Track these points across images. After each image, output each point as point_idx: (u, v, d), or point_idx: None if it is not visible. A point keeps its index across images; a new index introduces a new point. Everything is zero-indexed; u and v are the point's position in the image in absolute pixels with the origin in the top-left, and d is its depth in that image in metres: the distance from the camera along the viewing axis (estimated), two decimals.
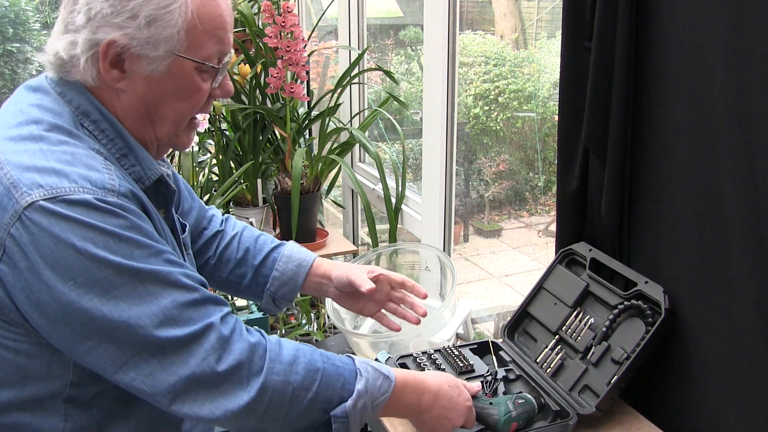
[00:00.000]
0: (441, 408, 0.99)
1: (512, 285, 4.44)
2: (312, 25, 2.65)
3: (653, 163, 1.12)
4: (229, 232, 1.25)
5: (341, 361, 0.92)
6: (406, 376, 0.98)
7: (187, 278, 0.84)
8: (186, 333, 0.81)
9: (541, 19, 4.41)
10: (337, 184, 2.72)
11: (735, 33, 0.92)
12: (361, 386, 0.90)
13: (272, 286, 1.21)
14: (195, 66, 0.89)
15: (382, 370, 0.94)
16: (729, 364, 1.00)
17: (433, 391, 0.99)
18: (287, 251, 1.23)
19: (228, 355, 0.82)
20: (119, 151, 0.90)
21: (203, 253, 1.23)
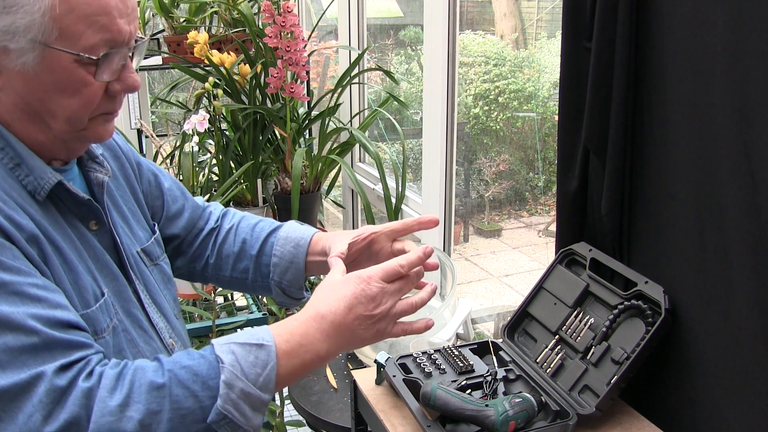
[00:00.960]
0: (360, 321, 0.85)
1: (512, 285, 4.44)
2: (312, 25, 2.65)
3: (653, 163, 1.12)
4: (225, 226, 1.16)
5: (195, 357, 0.78)
6: (287, 328, 0.83)
7: (33, 319, 0.73)
8: (11, 382, 0.70)
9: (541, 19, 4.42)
10: (337, 184, 2.72)
11: (735, 33, 0.92)
12: (225, 376, 0.76)
13: (275, 274, 1.10)
14: (73, 58, 0.79)
15: (252, 340, 0.80)
16: (729, 364, 1.00)
17: (331, 318, 0.83)
18: (284, 232, 1.12)
19: (60, 412, 0.70)
20: (12, 161, 0.83)
21: (201, 254, 1.16)
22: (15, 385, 0.70)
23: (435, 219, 1.05)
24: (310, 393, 1.70)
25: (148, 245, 1.03)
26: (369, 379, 1.21)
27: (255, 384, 0.78)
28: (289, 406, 2.06)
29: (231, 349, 0.79)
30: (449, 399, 1.05)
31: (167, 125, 2.89)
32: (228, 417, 0.75)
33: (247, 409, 0.77)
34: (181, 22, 2.55)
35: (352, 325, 0.85)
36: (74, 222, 0.89)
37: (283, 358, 0.80)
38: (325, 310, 0.85)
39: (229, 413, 0.75)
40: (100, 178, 0.95)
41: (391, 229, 1.07)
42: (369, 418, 1.20)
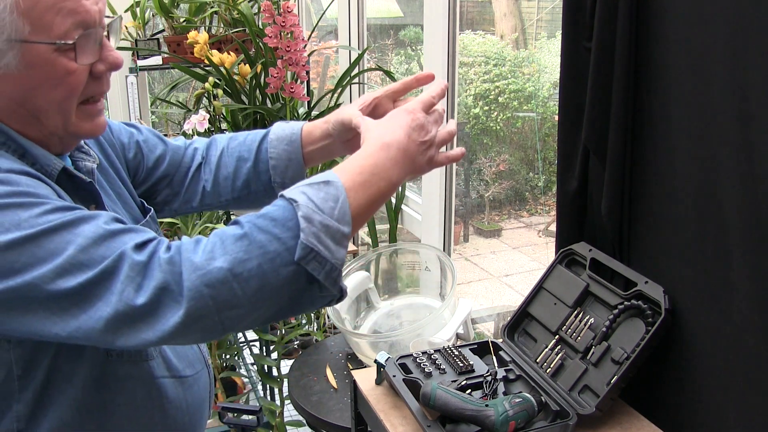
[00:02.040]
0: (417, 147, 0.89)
1: (512, 285, 4.44)
2: (312, 25, 2.65)
3: (653, 163, 1.12)
4: (213, 155, 1.16)
5: (270, 206, 0.80)
6: (352, 163, 0.84)
7: (96, 222, 0.77)
8: (97, 272, 0.74)
9: (541, 19, 4.42)
10: None
11: (735, 33, 0.92)
12: (302, 212, 0.77)
13: (276, 176, 1.11)
14: (51, 48, 0.80)
15: (318, 179, 0.81)
16: (729, 364, 1.00)
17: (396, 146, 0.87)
18: (273, 134, 1.12)
19: (148, 281, 0.74)
20: (15, 152, 0.85)
21: (195, 189, 1.16)
22: (102, 272, 0.74)
23: (431, 74, 1.08)
24: (310, 393, 1.70)
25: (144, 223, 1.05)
26: (369, 379, 1.21)
27: (332, 216, 0.79)
28: (289, 406, 2.07)
29: (301, 190, 0.80)
30: (449, 399, 1.05)
31: (167, 125, 2.89)
32: (314, 250, 0.76)
33: (330, 241, 0.78)
34: (181, 22, 2.55)
35: (414, 150, 0.89)
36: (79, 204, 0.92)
37: (358, 190, 0.82)
38: (389, 139, 0.88)
39: (314, 246, 0.76)
40: (88, 167, 0.97)
41: (392, 90, 1.09)
42: (369, 418, 1.20)
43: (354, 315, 1.84)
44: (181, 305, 0.73)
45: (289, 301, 0.78)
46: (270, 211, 0.79)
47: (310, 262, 0.76)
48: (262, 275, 0.75)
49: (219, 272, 0.74)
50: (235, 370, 2.55)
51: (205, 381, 1.08)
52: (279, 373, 2.21)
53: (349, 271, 1.83)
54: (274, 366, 2.20)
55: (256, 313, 0.77)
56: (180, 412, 1.01)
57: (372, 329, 1.81)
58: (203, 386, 1.07)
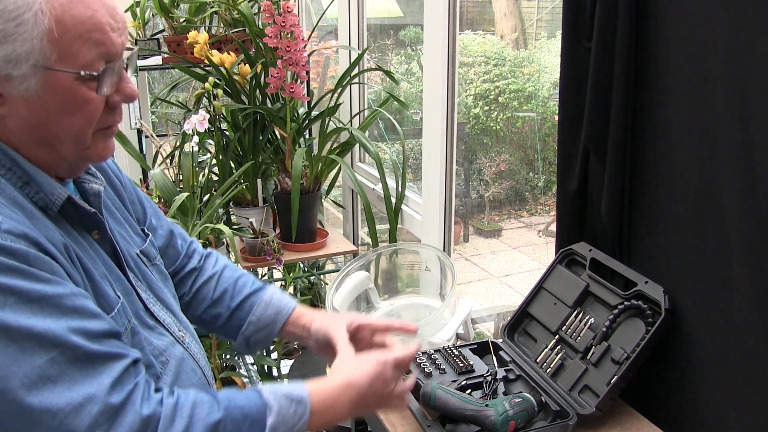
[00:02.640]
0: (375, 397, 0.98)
1: (512, 285, 4.44)
2: (312, 25, 2.65)
3: (653, 163, 1.12)
4: (208, 270, 1.21)
5: (247, 398, 0.87)
6: (321, 390, 0.94)
7: (74, 333, 0.76)
8: (65, 401, 0.73)
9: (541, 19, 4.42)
10: (337, 184, 2.72)
11: (735, 33, 0.92)
12: (272, 420, 0.86)
13: (247, 330, 1.17)
14: (73, 77, 0.82)
15: (294, 394, 0.91)
16: (729, 364, 1.00)
17: (358, 389, 0.96)
18: (267, 296, 1.19)
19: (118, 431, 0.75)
20: (20, 179, 0.84)
21: (178, 290, 1.19)
22: (68, 405, 0.73)
23: (415, 329, 1.17)
24: None
25: (145, 247, 1.06)
26: None
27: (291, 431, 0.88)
28: None
29: (277, 398, 0.89)
30: (449, 399, 1.05)
31: (167, 125, 2.89)
32: None
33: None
34: (181, 22, 2.54)
35: (369, 399, 0.98)
36: (82, 232, 0.92)
37: (317, 416, 0.92)
38: (354, 380, 0.97)
39: None
40: (95, 189, 0.97)
41: (376, 325, 1.17)
42: (369, 418, 1.20)
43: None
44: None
45: None
46: (246, 406, 0.86)
47: None
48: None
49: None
50: (235, 370, 2.55)
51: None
52: (279, 373, 2.21)
53: (349, 271, 1.83)
54: (274, 366, 2.20)
55: None
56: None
57: None
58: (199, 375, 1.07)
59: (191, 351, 1.04)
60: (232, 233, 1.94)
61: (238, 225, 2.29)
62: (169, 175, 2.25)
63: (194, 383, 1.03)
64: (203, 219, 1.97)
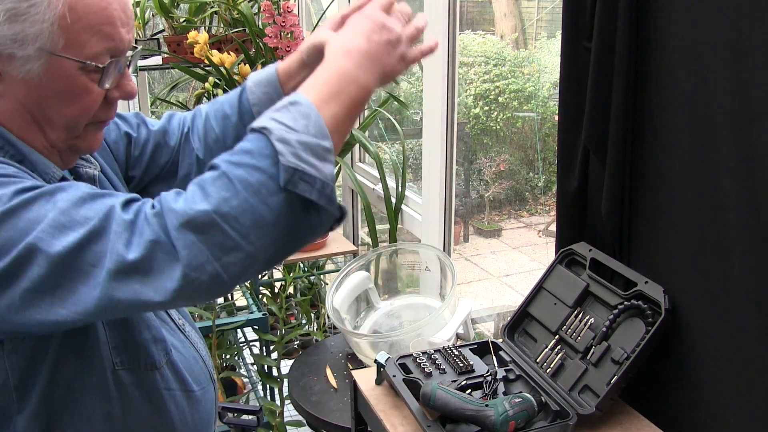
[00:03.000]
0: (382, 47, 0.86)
1: (512, 285, 4.44)
2: (312, 25, 2.65)
3: (653, 163, 1.12)
4: (198, 125, 1.13)
5: (241, 142, 0.77)
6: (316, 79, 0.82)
7: (69, 187, 0.76)
8: (85, 232, 0.72)
9: (541, 19, 4.42)
10: (337, 184, 2.72)
11: (735, 33, 0.92)
12: (276, 135, 0.74)
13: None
14: (77, 66, 0.81)
15: (282, 103, 0.78)
16: (729, 364, 1.00)
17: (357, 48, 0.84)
18: (250, 82, 1.09)
19: (137, 237, 0.72)
20: (13, 158, 0.84)
21: (189, 162, 1.13)
22: (90, 233, 0.72)
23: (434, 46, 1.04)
24: (310, 393, 1.70)
25: None
26: (369, 379, 1.21)
27: (307, 133, 0.76)
28: (289, 406, 2.07)
29: (269, 117, 0.77)
30: (449, 399, 1.05)
31: None
32: (298, 170, 0.73)
33: (312, 158, 0.74)
34: (181, 22, 2.54)
35: (379, 51, 0.86)
36: None
37: (328, 102, 0.79)
38: (350, 46, 0.85)
39: (297, 166, 0.73)
40: (90, 173, 0.96)
41: (362, 3, 1.02)
42: (369, 418, 1.20)
43: (354, 315, 1.84)
44: (177, 258, 0.71)
45: (290, 232, 0.75)
46: (242, 145, 0.76)
47: (299, 184, 0.73)
48: (251, 210, 0.72)
49: (204, 216, 0.71)
50: (235, 370, 2.55)
51: (212, 397, 1.07)
52: (279, 373, 2.21)
53: (349, 271, 1.83)
54: (274, 366, 2.20)
55: (258, 253, 0.73)
56: (186, 427, 0.99)
57: (372, 329, 1.81)
58: (209, 402, 1.06)
59: (191, 339, 1.03)
60: None
61: None
62: None
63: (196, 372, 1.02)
64: None
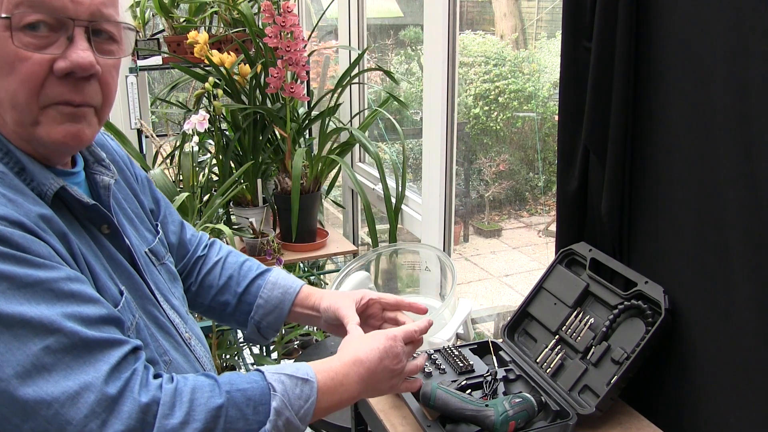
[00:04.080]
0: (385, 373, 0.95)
1: (512, 285, 4.44)
2: (312, 25, 2.66)
3: (653, 162, 1.12)
4: (212, 257, 1.20)
5: (249, 381, 0.83)
6: (328, 369, 0.90)
7: (69, 319, 0.72)
8: (60, 390, 0.69)
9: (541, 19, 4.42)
10: (337, 184, 2.72)
11: (735, 33, 0.92)
12: (276, 403, 0.81)
13: (256, 314, 1.15)
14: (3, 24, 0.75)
15: (299, 374, 0.86)
16: (729, 364, 1.00)
17: (367, 365, 0.93)
18: (272, 278, 1.17)
19: (114, 422, 0.70)
20: (16, 165, 0.81)
21: (185, 279, 1.18)
22: (64, 394, 0.69)
23: (425, 309, 1.15)
24: None
25: (154, 245, 1.04)
26: None
27: (297, 415, 0.84)
28: None
29: (281, 379, 0.84)
30: (449, 399, 1.05)
31: (167, 125, 2.89)
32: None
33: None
34: (181, 22, 2.54)
35: (380, 375, 0.95)
36: (87, 225, 0.89)
37: (323, 394, 0.87)
38: (363, 356, 0.94)
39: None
40: (106, 181, 0.95)
41: (386, 301, 1.16)
42: (369, 418, 1.20)
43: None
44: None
45: None
46: (249, 389, 0.81)
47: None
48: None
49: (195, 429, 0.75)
50: (235, 370, 2.55)
51: None
52: None
53: (349, 271, 1.83)
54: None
55: None
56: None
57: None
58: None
59: (197, 354, 1.03)
60: (232, 233, 1.94)
61: (238, 225, 2.29)
62: (169, 175, 2.25)
63: None
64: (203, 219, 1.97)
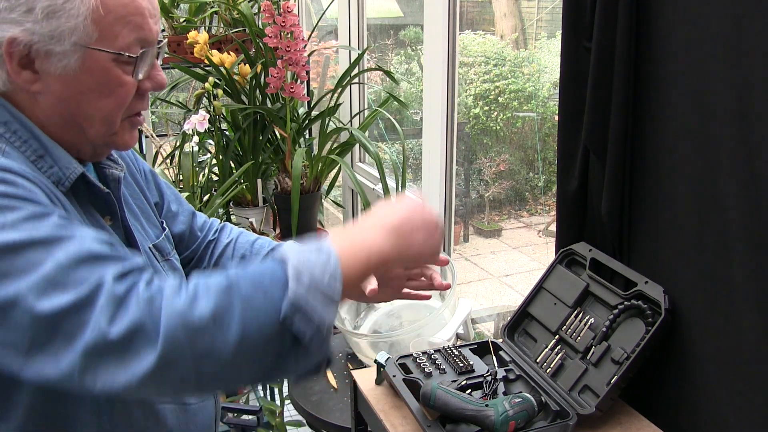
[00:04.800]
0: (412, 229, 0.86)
1: (512, 285, 4.44)
2: (312, 25, 2.66)
3: (653, 162, 1.12)
4: (223, 240, 1.20)
5: (259, 264, 0.78)
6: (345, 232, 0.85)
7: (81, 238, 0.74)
8: (73, 298, 0.70)
9: (541, 19, 4.42)
10: (337, 184, 2.72)
11: (735, 33, 0.92)
12: (293, 266, 0.74)
13: None
14: (111, 58, 0.84)
15: (310, 247, 0.79)
16: (729, 364, 1.00)
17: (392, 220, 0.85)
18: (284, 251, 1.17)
19: (123, 315, 0.70)
20: (34, 153, 0.84)
21: (197, 264, 1.18)
22: (78, 300, 0.70)
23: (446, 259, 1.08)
24: (310, 393, 1.70)
25: (159, 241, 1.05)
26: (369, 379, 1.21)
27: (322, 278, 0.75)
28: (289, 406, 2.06)
29: (293, 251, 0.77)
30: (449, 399, 1.05)
31: (167, 125, 2.89)
32: (300, 309, 0.72)
33: (317, 303, 0.73)
34: (181, 22, 2.55)
35: (410, 231, 0.86)
36: (93, 214, 0.92)
37: (347, 258, 0.79)
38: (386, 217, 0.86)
39: (301, 305, 0.72)
40: (115, 174, 0.97)
41: None
42: (369, 418, 1.20)
43: (354, 315, 1.84)
44: (155, 347, 0.69)
45: (272, 362, 0.74)
46: (260, 267, 0.76)
47: (297, 323, 0.72)
48: (243, 328, 0.71)
49: (200, 320, 0.70)
50: None
51: (210, 410, 1.06)
52: None
53: None
54: None
55: (235, 370, 0.73)
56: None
57: (372, 329, 1.81)
58: (208, 415, 1.05)
59: None
60: None
61: (238, 225, 2.29)
62: (170, 175, 2.25)
63: None
64: None
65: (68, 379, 0.70)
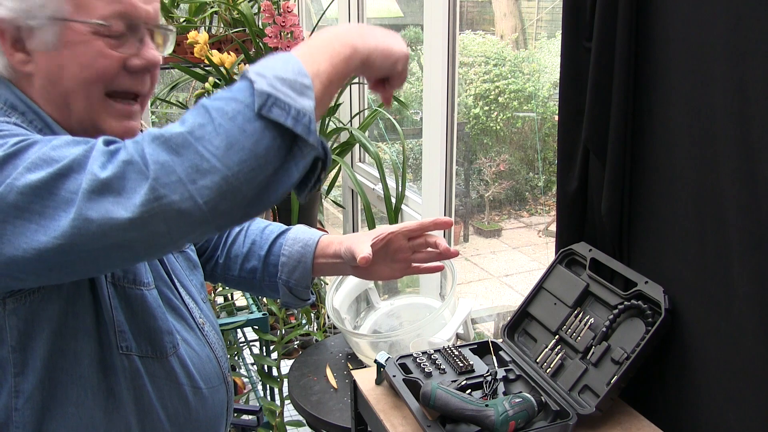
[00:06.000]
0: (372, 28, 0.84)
1: (512, 285, 4.44)
2: (312, 25, 2.66)
3: (653, 162, 1.12)
4: (234, 228, 1.20)
5: None
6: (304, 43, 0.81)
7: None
8: (66, 162, 0.71)
9: (541, 19, 4.42)
10: (337, 184, 2.73)
11: (735, 33, 0.92)
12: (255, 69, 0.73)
13: (283, 273, 1.13)
14: (90, 30, 0.83)
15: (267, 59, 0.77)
16: (729, 364, 1.00)
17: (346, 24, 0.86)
18: (292, 234, 1.15)
19: (114, 158, 0.71)
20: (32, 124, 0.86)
21: (212, 255, 1.19)
22: (71, 162, 0.71)
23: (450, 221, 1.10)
24: (310, 393, 1.70)
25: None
26: (369, 379, 1.21)
27: (285, 71, 0.74)
28: (289, 406, 2.06)
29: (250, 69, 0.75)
30: (449, 399, 1.05)
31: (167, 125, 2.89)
32: (272, 95, 0.71)
33: (288, 89, 0.72)
34: (181, 22, 2.55)
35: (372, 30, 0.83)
36: None
37: (309, 55, 0.77)
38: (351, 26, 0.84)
39: (270, 92, 0.71)
40: None
41: (408, 228, 1.11)
42: (369, 418, 1.20)
43: (354, 315, 1.84)
44: (147, 176, 0.69)
45: (270, 163, 0.72)
46: (225, 90, 0.75)
47: (273, 109, 0.71)
48: (225, 134, 0.70)
49: (178, 136, 0.70)
50: (235, 370, 2.55)
51: (222, 398, 1.06)
52: (279, 373, 2.21)
53: None
54: (274, 366, 2.20)
55: (236, 180, 0.70)
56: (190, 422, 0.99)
57: (372, 329, 1.81)
58: (219, 403, 1.05)
59: (209, 339, 1.03)
60: None
61: None
62: None
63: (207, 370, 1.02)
64: None
65: (78, 229, 0.70)
